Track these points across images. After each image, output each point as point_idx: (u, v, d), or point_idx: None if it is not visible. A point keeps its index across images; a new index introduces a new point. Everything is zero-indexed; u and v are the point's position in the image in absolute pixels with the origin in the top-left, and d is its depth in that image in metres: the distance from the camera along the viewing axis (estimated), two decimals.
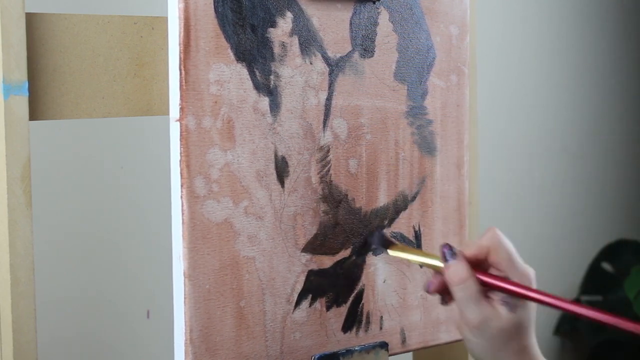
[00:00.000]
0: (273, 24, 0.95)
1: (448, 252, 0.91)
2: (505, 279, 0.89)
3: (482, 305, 0.88)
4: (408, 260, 0.99)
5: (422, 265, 0.95)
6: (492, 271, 0.91)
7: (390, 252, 1.01)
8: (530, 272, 0.90)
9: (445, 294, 0.93)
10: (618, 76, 2.50)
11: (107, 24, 0.91)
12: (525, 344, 0.89)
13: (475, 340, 0.89)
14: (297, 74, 0.97)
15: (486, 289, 0.89)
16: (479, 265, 0.91)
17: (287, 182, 0.97)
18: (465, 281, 0.88)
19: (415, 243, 1.08)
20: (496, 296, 0.89)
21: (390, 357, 1.06)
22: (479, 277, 0.89)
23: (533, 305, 0.90)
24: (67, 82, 0.89)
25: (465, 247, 0.92)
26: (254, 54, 0.94)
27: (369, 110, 1.04)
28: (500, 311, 0.88)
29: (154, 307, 1.45)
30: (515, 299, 0.89)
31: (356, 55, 1.02)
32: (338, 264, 1.01)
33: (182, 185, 0.90)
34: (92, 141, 1.39)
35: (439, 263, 0.92)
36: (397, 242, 1.01)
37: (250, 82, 0.94)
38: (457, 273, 0.89)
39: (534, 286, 0.89)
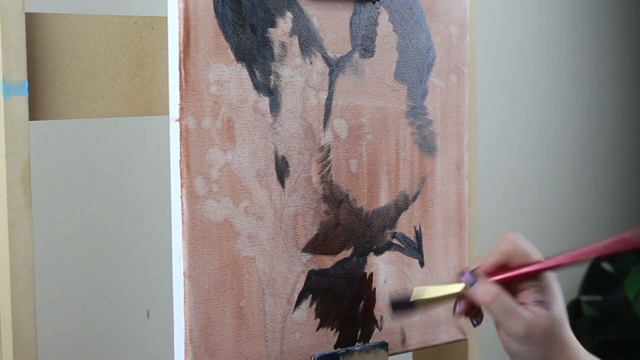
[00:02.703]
0: (273, 24, 0.95)
1: (469, 276, 0.91)
2: (522, 265, 0.90)
3: (522, 313, 0.89)
4: (432, 301, 0.95)
5: (444, 297, 0.94)
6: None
7: (414, 296, 0.95)
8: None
9: (472, 314, 0.93)
10: (618, 76, 2.50)
11: (107, 24, 0.91)
12: (566, 338, 0.91)
13: (525, 350, 0.90)
14: (297, 74, 0.97)
15: (516, 292, 0.90)
16: (501, 271, 0.91)
17: (287, 182, 0.97)
18: (497, 297, 0.89)
19: (416, 243, 1.08)
20: (528, 299, 0.90)
21: (390, 357, 1.06)
22: (500, 278, 0.90)
23: (561, 299, 0.91)
24: (67, 82, 0.89)
25: (485, 257, 0.92)
26: (254, 54, 0.94)
27: (369, 110, 1.03)
28: (538, 312, 0.89)
29: (154, 307, 1.45)
30: (545, 292, 0.89)
31: (356, 55, 1.02)
32: (339, 264, 1.01)
33: (182, 185, 0.90)
34: (92, 141, 1.39)
35: (457, 289, 0.92)
36: (414, 293, 0.96)
37: (250, 82, 0.94)
38: (487, 293, 0.90)
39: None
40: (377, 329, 1.05)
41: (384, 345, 1.05)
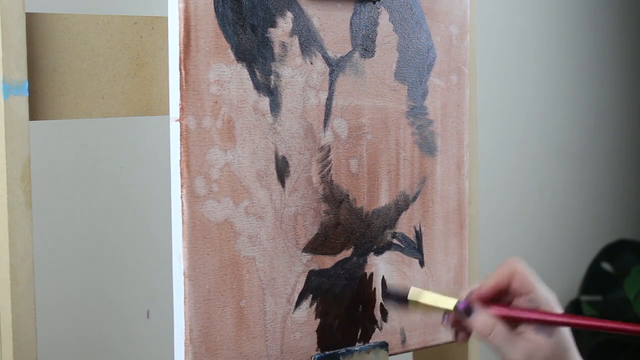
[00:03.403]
0: (273, 24, 0.95)
1: (465, 307, 0.91)
2: (528, 309, 0.89)
3: (520, 342, 0.88)
4: (425, 307, 0.96)
5: (436, 308, 0.94)
6: (516, 300, 0.91)
7: (410, 304, 0.96)
8: (552, 297, 0.91)
9: (459, 328, 0.93)
10: (618, 76, 2.50)
11: (107, 24, 0.91)
12: None
13: None
14: (297, 74, 0.97)
15: (515, 325, 0.90)
16: (501, 295, 0.91)
17: (287, 182, 0.97)
18: (492, 329, 0.89)
19: (416, 243, 1.08)
20: (528, 328, 0.89)
21: (390, 357, 1.06)
22: (503, 314, 0.89)
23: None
24: (67, 82, 0.89)
25: (486, 279, 0.92)
26: (254, 54, 0.94)
27: (369, 110, 1.03)
28: (538, 340, 0.88)
29: (154, 307, 1.45)
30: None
31: (356, 55, 1.02)
32: (339, 264, 1.01)
33: (182, 185, 0.90)
34: (92, 141, 1.39)
35: (450, 305, 0.92)
36: (411, 293, 0.97)
37: (251, 82, 0.94)
38: (485, 325, 0.90)
39: (558, 310, 0.90)
40: (377, 329, 1.05)
41: (384, 345, 1.05)
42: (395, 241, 1.06)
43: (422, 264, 1.09)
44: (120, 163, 1.42)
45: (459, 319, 0.92)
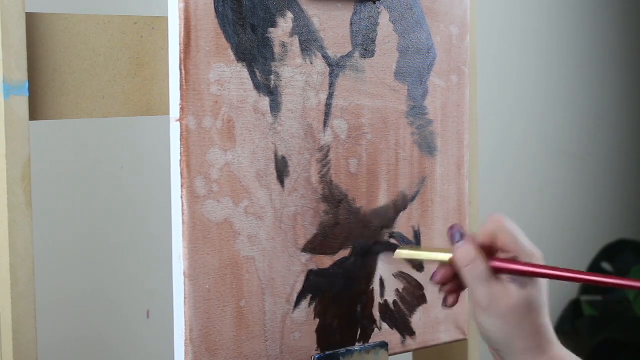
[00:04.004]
0: (273, 24, 0.95)
1: (457, 233, 0.91)
2: (512, 260, 0.89)
3: (491, 285, 0.88)
4: (415, 260, 0.98)
5: (428, 261, 0.95)
6: (501, 256, 0.91)
7: (396, 254, 0.99)
8: (537, 252, 0.90)
9: (448, 290, 0.93)
10: (618, 76, 2.50)
11: (107, 24, 0.91)
12: (539, 323, 0.89)
13: (488, 322, 0.89)
14: (297, 74, 0.97)
15: (496, 272, 0.89)
16: (487, 251, 0.91)
17: (287, 182, 0.97)
18: (473, 261, 0.89)
19: (415, 243, 1.08)
20: (505, 276, 0.89)
21: (390, 357, 1.06)
22: (493, 264, 0.89)
23: (544, 284, 0.90)
24: (67, 82, 0.89)
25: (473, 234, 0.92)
26: (255, 54, 0.94)
27: (369, 110, 1.03)
28: (509, 289, 0.88)
29: (154, 307, 1.45)
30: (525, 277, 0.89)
31: (357, 55, 1.02)
32: (338, 264, 1.01)
33: (182, 185, 0.90)
34: (92, 141, 1.39)
35: (444, 257, 0.92)
36: (400, 245, 1.00)
37: (251, 82, 0.94)
38: (465, 254, 0.89)
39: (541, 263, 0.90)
40: (377, 329, 1.05)
41: (384, 345, 1.05)
42: (393, 241, 1.06)
43: (421, 264, 1.09)
44: (120, 163, 1.42)
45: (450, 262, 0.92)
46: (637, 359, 2.20)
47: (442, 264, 0.92)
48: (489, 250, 0.91)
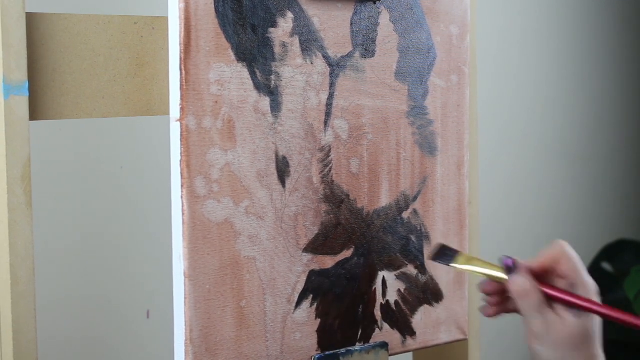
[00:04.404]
0: (274, 24, 0.95)
1: (510, 265, 0.92)
2: (567, 292, 0.90)
3: (546, 314, 0.89)
4: (471, 273, 0.97)
5: (486, 276, 0.95)
6: (558, 282, 0.92)
7: (456, 264, 0.97)
8: (593, 285, 0.91)
9: (496, 299, 0.94)
10: (618, 76, 2.50)
11: (107, 24, 0.91)
12: (593, 354, 0.90)
13: (543, 350, 0.90)
14: (298, 74, 0.97)
15: (550, 301, 0.90)
16: (545, 275, 0.92)
17: (288, 182, 0.97)
18: (529, 294, 0.90)
19: (417, 243, 1.08)
20: (560, 307, 0.90)
21: (390, 357, 1.06)
22: (544, 289, 0.90)
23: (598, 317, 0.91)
24: (67, 82, 0.89)
25: (533, 258, 0.93)
26: (255, 54, 0.94)
27: (370, 110, 1.03)
28: (565, 318, 0.89)
29: (154, 307, 1.45)
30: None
31: (357, 55, 1.02)
32: (339, 264, 1.01)
33: (182, 185, 0.89)
34: (92, 141, 1.39)
35: (502, 275, 0.93)
36: (461, 252, 0.98)
37: (251, 82, 0.94)
38: (521, 286, 0.91)
39: (596, 299, 0.91)
40: (378, 329, 1.05)
41: (384, 345, 1.05)
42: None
43: (422, 264, 1.09)
44: (120, 163, 1.42)
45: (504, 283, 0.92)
46: (637, 359, 2.20)
47: (497, 280, 0.93)
48: (547, 275, 0.92)
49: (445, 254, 0.97)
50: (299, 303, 0.98)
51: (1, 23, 0.83)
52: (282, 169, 0.96)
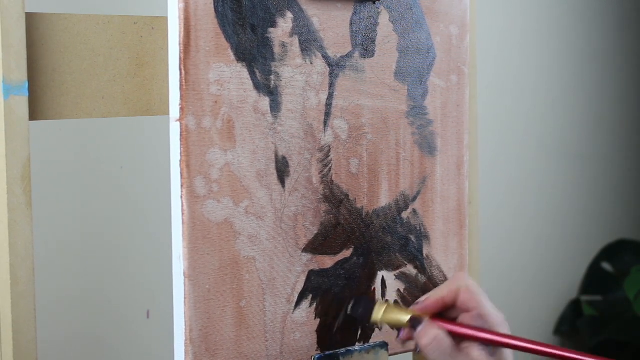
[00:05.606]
0: (273, 24, 0.95)
1: (414, 321, 0.95)
2: (475, 327, 0.91)
3: (457, 357, 0.90)
4: (384, 321, 1.00)
5: (398, 326, 0.98)
6: (464, 316, 0.93)
7: (374, 317, 0.99)
8: (499, 316, 0.93)
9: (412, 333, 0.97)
10: (618, 76, 2.50)
11: (107, 24, 0.91)
12: None
13: None
14: (297, 74, 0.97)
15: (459, 340, 0.91)
16: (448, 308, 0.94)
17: (287, 182, 0.97)
18: (435, 339, 0.92)
19: (416, 243, 1.08)
20: (471, 344, 0.91)
21: (390, 357, 1.06)
22: (448, 328, 0.91)
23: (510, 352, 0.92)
24: (67, 82, 0.89)
25: (433, 292, 0.96)
26: (254, 54, 0.94)
27: (369, 110, 1.03)
28: (479, 357, 0.89)
29: (154, 307, 1.45)
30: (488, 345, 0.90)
31: (356, 55, 1.02)
32: (339, 264, 1.01)
33: (182, 185, 0.90)
34: (92, 141, 1.39)
35: (404, 320, 0.97)
36: (379, 304, 1.00)
37: (251, 82, 0.94)
38: (427, 334, 0.93)
39: (505, 330, 0.91)
40: (377, 329, 1.05)
41: (384, 345, 1.05)
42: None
43: (422, 264, 1.09)
44: (120, 163, 1.42)
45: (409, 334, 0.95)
46: (637, 359, 2.20)
47: (404, 325, 0.96)
48: (449, 308, 0.95)
49: (363, 311, 0.99)
50: (298, 303, 0.98)
51: (1, 23, 0.83)
52: (282, 169, 0.96)
